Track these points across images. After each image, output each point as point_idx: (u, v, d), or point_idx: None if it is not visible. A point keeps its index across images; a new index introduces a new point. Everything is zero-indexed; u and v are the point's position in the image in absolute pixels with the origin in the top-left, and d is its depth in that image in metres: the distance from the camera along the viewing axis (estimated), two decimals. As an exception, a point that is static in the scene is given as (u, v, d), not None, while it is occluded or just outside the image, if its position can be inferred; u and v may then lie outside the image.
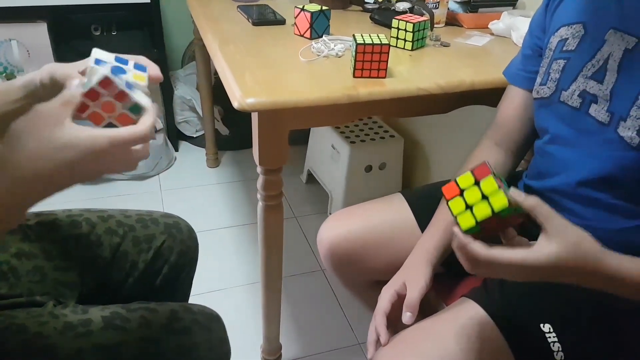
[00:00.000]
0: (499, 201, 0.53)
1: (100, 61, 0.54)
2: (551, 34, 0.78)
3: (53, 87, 0.58)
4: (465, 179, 0.56)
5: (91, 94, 0.49)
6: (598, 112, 0.69)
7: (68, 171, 0.47)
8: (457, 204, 0.56)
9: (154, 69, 0.58)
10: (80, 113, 0.50)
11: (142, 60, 0.58)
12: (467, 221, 0.54)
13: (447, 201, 0.57)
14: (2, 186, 0.45)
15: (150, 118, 0.50)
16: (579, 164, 0.72)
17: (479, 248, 0.54)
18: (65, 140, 0.45)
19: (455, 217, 0.56)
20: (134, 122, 0.50)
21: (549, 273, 0.54)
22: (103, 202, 1.88)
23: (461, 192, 0.56)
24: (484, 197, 0.54)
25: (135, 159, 0.51)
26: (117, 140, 0.47)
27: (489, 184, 0.54)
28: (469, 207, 0.55)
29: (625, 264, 0.56)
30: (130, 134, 0.48)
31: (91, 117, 0.50)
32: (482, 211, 0.54)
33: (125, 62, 0.56)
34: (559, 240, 0.53)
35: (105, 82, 0.49)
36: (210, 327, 0.73)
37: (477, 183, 0.55)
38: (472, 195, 0.55)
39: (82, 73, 0.56)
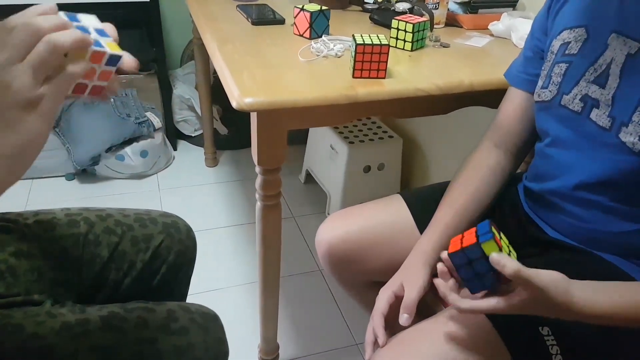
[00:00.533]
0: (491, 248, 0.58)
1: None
2: (553, 37, 0.77)
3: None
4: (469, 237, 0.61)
5: None
6: (599, 117, 0.69)
7: None
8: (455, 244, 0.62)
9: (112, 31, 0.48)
10: (82, 93, 0.46)
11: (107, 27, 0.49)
12: (454, 246, 0.62)
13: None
14: None
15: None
16: (579, 167, 0.72)
17: (456, 300, 0.62)
18: None
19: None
20: (114, 72, 0.46)
21: (518, 311, 0.59)
22: (101, 201, 1.88)
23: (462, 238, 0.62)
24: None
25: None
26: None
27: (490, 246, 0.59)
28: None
29: (596, 305, 0.60)
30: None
31: (75, 90, 0.46)
32: (469, 240, 0.60)
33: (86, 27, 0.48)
34: (529, 295, 0.58)
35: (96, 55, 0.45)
36: (208, 326, 0.73)
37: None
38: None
39: None
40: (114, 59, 0.47)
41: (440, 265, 0.65)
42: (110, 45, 0.47)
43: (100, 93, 0.48)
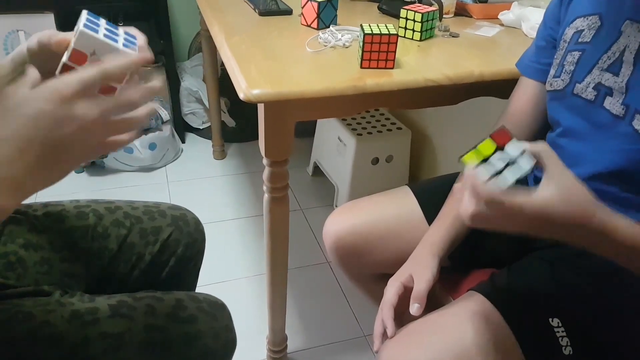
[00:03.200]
0: (527, 163, 0.53)
1: (90, 25, 0.48)
2: (566, 25, 0.76)
3: (42, 52, 0.53)
4: (486, 146, 0.55)
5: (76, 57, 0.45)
6: (613, 105, 0.68)
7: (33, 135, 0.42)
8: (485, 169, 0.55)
9: (142, 41, 0.53)
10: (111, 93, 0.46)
11: (132, 30, 0.54)
12: (504, 181, 0.53)
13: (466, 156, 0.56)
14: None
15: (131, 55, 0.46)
16: (591, 157, 0.71)
17: (485, 185, 0.52)
18: (20, 97, 0.42)
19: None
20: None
21: (541, 221, 0.53)
22: (110, 193, 1.89)
23: (485, 160, 0.55)
24: (511, 162, 0.54)
25: (125, 125, 0.45)
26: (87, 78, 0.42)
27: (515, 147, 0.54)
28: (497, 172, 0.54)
29: (619, 221, 0.54)
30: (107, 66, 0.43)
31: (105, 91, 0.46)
32: (512, 175, 0.53)
33: (116, 29, 0.51)
34: (556, 182, 0.52)
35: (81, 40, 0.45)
36: (216, 315, 0.73)
37: (501, 149, 0.55)
38: (500, 160, 0.54)
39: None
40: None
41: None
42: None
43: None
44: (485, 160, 0.54)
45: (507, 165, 0.53)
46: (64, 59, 0.47)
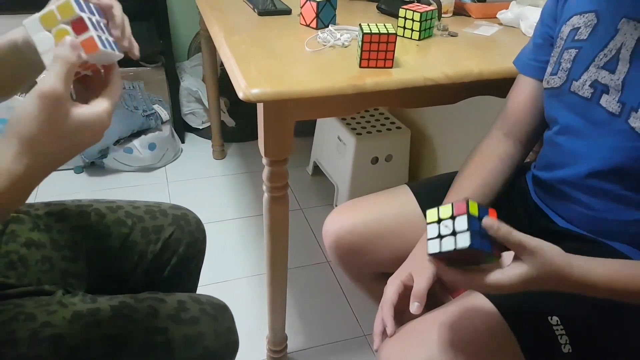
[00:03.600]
0: (463, 241, 0.55)
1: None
2: (563, 23, 0.76)
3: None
4: (445, 210, 0.58)
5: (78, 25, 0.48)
6: (609, 102, 0.68)
7: (76, 150, 0.48)
8: (432, 230, 0.59)
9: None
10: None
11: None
12: (432, 248, 0.58)
13: (427, 224, 0.59)
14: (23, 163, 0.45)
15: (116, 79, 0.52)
16: (589, 154, 0.71)
17: (456, 275, 0.58)
18: (73, 129, 0.46)
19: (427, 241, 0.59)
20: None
21: (521, 288, 0.57)
22: (110, 193, 1.89)
23: (439, 221, 0.58)
24: (454, 232, 0.56)
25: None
26: (112, 110, 0.50)
27: (461, 221, 0.56)
28: (439, 236, 0.57)
29: (594, 271, 0.58)
30: (113, 99, 0.50)
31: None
32: (446, 245, 0.56)
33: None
34: (527, 265, 0.56)
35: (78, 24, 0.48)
36: (218, 316, 0.73)
37: (452, 217, 0.57)
38: (446, 227, 0.57)
39: None
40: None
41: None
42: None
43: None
44: (439, 221, 0.58)
45: (452, 233, 0.56)
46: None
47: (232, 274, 1.57)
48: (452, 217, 0.57)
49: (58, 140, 0.46)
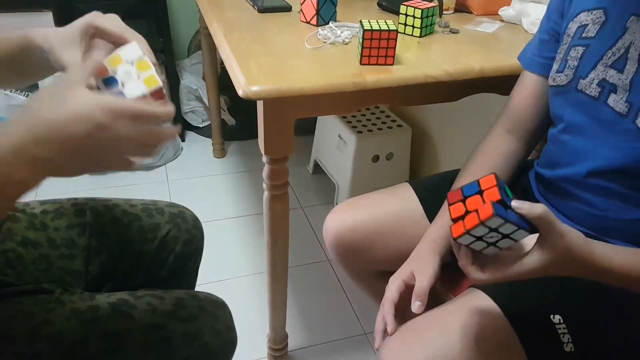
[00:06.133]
0: (485, 212, 0.53)
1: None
2: (570, 20, 0.75)
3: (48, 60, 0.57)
4: (470, 187, 0.57)
5: None
6: (617, 102, 0.67)
7: (91, 135, 0.46)
8: (457, 209, 0.57)
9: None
10: None
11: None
12: (457, 230, 0.56)
13: (449, 204, 0.58)
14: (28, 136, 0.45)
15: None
16: (593, 153, 0.70)
17: (474, 273, 0.58)
18: (104, 100, 0.46)
19: (450, 225, 0.57)
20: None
21: (541, 273, 0.56)
22: (109, 192, 1.89)
23: (464, 199, 0.57)
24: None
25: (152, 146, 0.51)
26: (144, 109, 0.49)
27: (492, 193, 0.54)
28: (464, 215, 0.56)
29: (615, 258, 0.58)
30: (160, 110, 0.50)
31: None
32: (471, 221, 0.54)
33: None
34: (548, 251, 0.55)
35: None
36: (217, 313, 0.73)
37: (480, 192, 0.56)
38: (473, 203, 0.56)
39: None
40: (155, 94, 0.54)
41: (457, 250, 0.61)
42: (146, 81, 0.53)
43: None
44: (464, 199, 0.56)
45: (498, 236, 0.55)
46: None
47: (232, 273, 1.56)
48: (480, 192, 0.55)
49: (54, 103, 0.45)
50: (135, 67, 0.54)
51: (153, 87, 0.53)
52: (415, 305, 0.72)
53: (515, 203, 0.54)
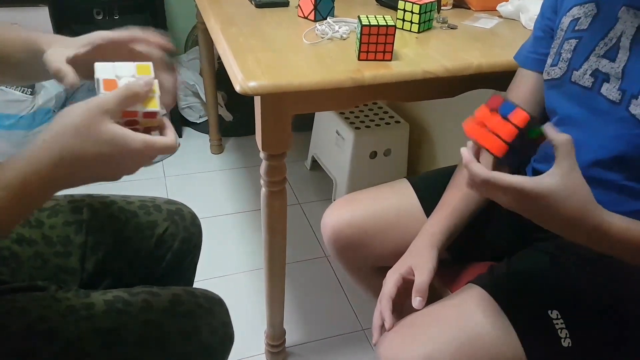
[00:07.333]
0: (519, 116, 0.53)
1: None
2: (563, 14, 0.76)
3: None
4: (482, 112, 0.57)
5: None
6: (609, 91, 0.68)
7: (103, 164, 0.50)
8: (481, 135, 0.57)
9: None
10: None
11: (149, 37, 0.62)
12: (498, 146, 0.55)
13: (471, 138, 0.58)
14: (47, 161, 0.48)
15: (172, 132, 0.55)
16: (589, 144, 0.71)
17: (478, 168, 0.56)
18: (108, 135, 0.49)
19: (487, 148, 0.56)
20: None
21: (540, 206, 0.55)
22: (106, 188, 1.87)
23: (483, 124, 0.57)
24: (505, 119, 0.55)
25: (151, 161, 0.55)
26: (150, 144, 0.51)
27: (506, 106, 0.55)
28: (494, 133, 0.55)
29: (613, 218, 0.57)
30: (162, 144, 0.52)
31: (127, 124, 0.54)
32: (508, 131, 0.54)
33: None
34: (562, 175, 0.54)
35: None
36: (213, 310, 0.73)
37: (494, 109, 0.56)
38: (494, 121, 0.55)
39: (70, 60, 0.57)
40: (149, 114, 0.54)
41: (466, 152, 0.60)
42: (147, 104, 0.54)
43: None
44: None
45: None
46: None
47: (230, 269, 1.56)
48: (494, 110, 0.56)
49: (84, 143, 0.48)
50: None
51: (150, 107, 0.54)
52: (417, 301, 0.72)
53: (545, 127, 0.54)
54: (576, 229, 0.56)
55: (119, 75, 0.54)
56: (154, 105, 0.54)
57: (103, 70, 0.54)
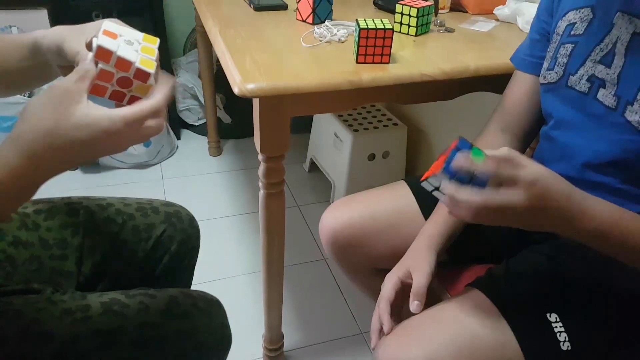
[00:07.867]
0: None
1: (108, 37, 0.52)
2: (559, 18, 0.76)
3: (59, 56, 0.57)
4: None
5: (103, 74, 0.50)
6: (605, 96, 0.68)
7: (82, 149, 0.47)
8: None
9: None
10: (101, 95, 0.50)
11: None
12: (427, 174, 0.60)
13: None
14: (16, 160, 0.46)
15: (162, 90, 0.51)
16: (585, 148, 0.71)
17: (452, 189, 0.58)
18: (81, 120, 0.46)
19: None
20: (150, 88, 0.51)
21: (520, 213, 0.56)
22: (104, 190, 1.88)
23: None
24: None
25: (146, 135, 0.50)
26: (131, 120, 0.48)
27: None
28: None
29: (593, 200, 0.58)
30: (142, 110, 0.48)
31: (112, 96, 0.51)
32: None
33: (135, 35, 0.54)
34: (523, 184, 0.55)
35: (100, 52, 0.49)
36: (211, 311, 0.73)
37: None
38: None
39: (89, 45, 0.55)
40: (142, 74, 0.51)
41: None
42: (144, 62, 0.51)
43: (122, 99, 0.53)
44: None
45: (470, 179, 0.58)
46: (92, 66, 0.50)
47: (228, 272, 1.56)
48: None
49: (59, 129, 0.46)
50: (140, 44, 0.53)
51: (144, 65, 0.51)
52: (414, 305, 0.72)
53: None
54: (557, 222, 0.58)
55: (122, 35, 0.52)
56: (150, 67, 0.51)
57: (110, 27, 0.53)
